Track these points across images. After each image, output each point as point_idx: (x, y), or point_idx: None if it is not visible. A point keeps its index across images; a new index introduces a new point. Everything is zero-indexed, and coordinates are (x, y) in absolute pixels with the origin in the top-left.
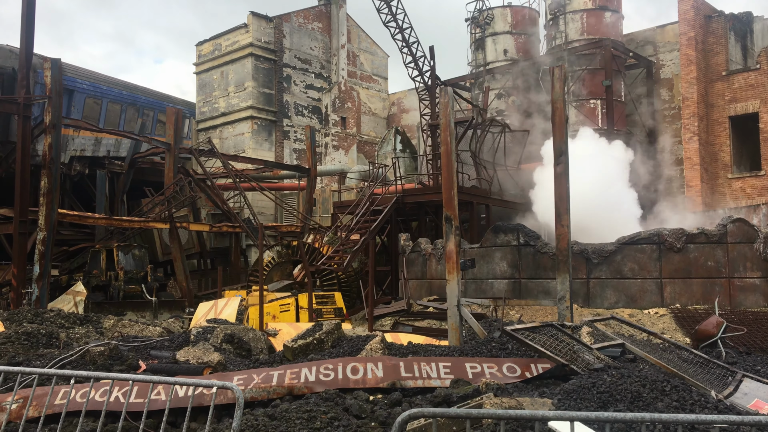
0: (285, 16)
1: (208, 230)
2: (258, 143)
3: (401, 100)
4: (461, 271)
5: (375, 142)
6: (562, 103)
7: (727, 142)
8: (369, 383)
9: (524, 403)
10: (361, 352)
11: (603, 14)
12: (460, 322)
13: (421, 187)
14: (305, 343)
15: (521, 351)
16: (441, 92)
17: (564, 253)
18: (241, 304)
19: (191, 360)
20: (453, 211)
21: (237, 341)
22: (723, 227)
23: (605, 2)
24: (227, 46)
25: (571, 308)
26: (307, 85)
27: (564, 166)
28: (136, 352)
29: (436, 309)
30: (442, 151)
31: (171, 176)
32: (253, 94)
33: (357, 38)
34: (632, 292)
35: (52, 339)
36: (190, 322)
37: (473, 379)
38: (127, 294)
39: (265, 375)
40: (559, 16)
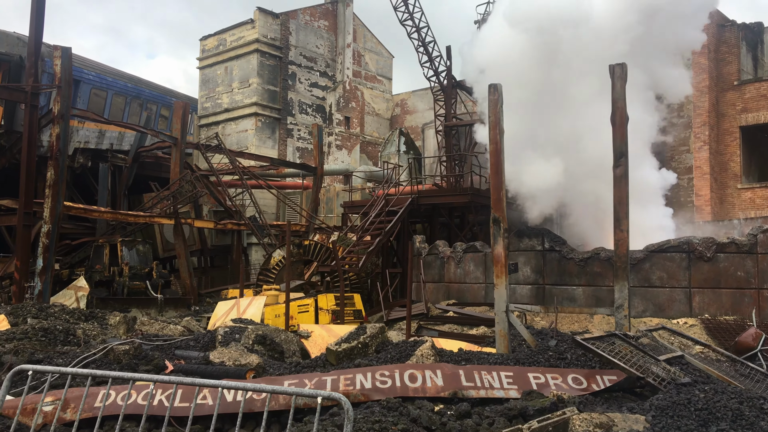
0: (291, 13)
1: (212, 227)
2: (261, 140)
3: (405, 101)
4: None
5: (378, 142)
6: (623, 102)
7: (738, 152)
8: (429, 392)
9: (615, 420)
10: (410, 358)
11: None
12: (509, 329)
13: (436, 188)
14: (350, 347)
15: (581, 361)
16: (490, 89)
17: (623, 259)
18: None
19: (227, 361)
20: (502, 212)
21: (270, 343)
22: (753, 237)
23: None
24: (232, 42)
25: (629, 317)
26: (312, 84)
27: (624, 168)
28: (160, 351)
29: (456, 313)
30: (491, 150)
31: (177, 171)
32: (257, 91)
33: (362, 38)
34: (660, 301)
35: (69, 336)
36: (207, 321)
37: (538, 390)
38: (131, 290)
39: (318, 380)
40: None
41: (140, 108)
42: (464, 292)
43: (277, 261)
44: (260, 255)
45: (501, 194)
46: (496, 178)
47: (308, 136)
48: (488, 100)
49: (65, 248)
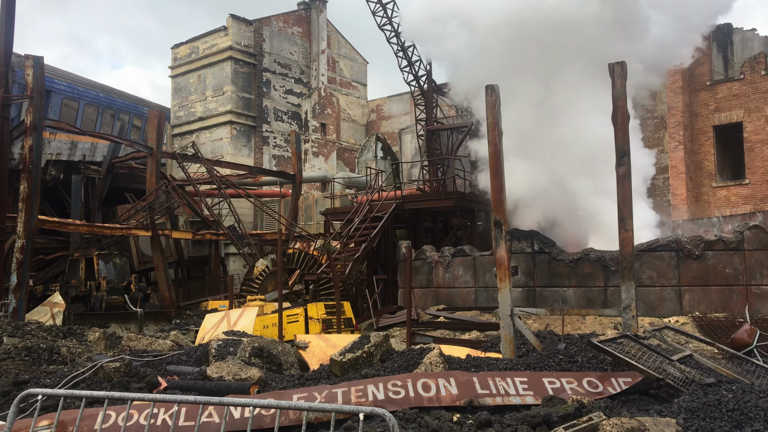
0: (265, 20)
1: (190, 238)
2: (237, 149)
3: (381, 107)
4: None
5: (354, 149)
6: (624, 100)
7: (712, 151)
8: (444, 401)
9: (646, 424)
10: (418, 366)
11: None
12: (514, 333)
13: (420, 193)
14: (354, 356)
15: (591, 364)
16: (487, 90)
17: (628, 259)
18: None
19: (225, 376)
20: (503, 215)
21: (267, 355)
22: (740, 234)
23: None
24: (205, 49)
25: (636, 317)
26: (287, 91)
27: (627, 167)
28: (151, 367)
29: (447, 318)
30: (491, 152)
31: (153, 182)
32: (232, 99)
33: (337, 44)
34: (651, 300)
35: (53, 354)
36: (194, 335)
37: (554, 394)
38: (109, 305)
39: (328, 393)
40: None
41: (112, 118)
42: (454, 297)
43: (261, 271)
44: (239, 265)
45: (502, 196)
46: (497, 180)
47: (284, 143)
48: (486, 102)
49: (39, 263)
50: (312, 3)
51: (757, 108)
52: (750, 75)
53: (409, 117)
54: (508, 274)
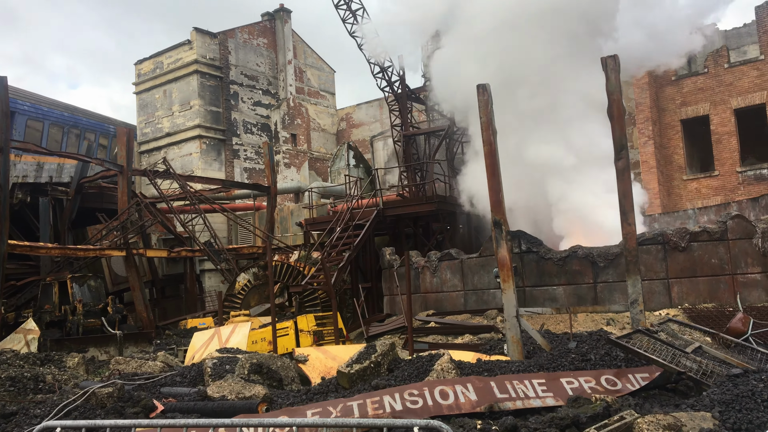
0: (229, 32)
1: (165, 256)
2: (207, 163)
3: (350, 115)
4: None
5: (326, 158)
6: (619, 94)
7: (680, 145)
8: (464, 408)
9: (682, 419)
10: (429, 374)
11: None
12: (521, 335)
13: (400, 198)
14: (362, 367)
15: (605, 361)
16: (479, 90)
17: (633, 253)
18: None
19: (228, 395)
20: (502, 215)
21: (266, 371)
22: (723, 224)
23: None
24: (170, 64)
25: (643, 312)
26: (255, 102)
27: (626, 161)
28: (144, 391)
29: (438, 323)
30: (486, 151)
31: (125, 200)
32: (200, 113)
33: (303, 54)
34: None
35: (39, 382)
36: (181, 354)
37: (574, 395)
38: (86, 329)
39: (343, 407)
40: None
41: (78, 138)
42: (442, 302)
43: (243, 285)
44: (215, 282)
45: (500, 196)
46: (494, 179)
47: (255, 156)
48: (478, 101)
49: (9, 289)
50: (276, 14)
51: (722, 101)
52: (714, 68)
53: (379, 124)
54: (512, 275)
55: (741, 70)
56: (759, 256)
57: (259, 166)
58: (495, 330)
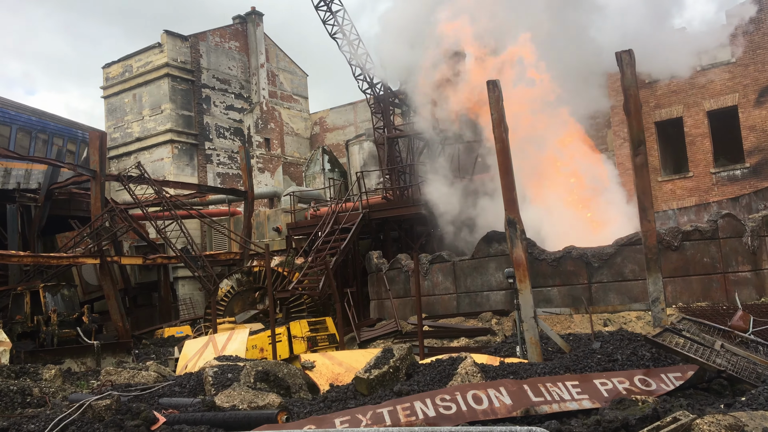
0: (201, 35)
1: (141, 263)
2: (180, 168)
3: (324, 119)
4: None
5: (300, 163)
6: (635, 89)
7: (655, 147)
8: (500, 413)
9: (742, 419)
10: (453, 378)
11: None
12: (539, 336)
13: (385, 201)
14: (381, 372)
15: (631, 361)
16: (489, 86)
17: (653, 250)
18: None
19: (239, 405)
20: (516, 214)
21: (273, 379)
22: (714, 223)
23: None
24: (139, 68)
25: (665, 310)
26: (228, 106)
27: (644, 157)
28: (141, 402)
29: (432, 327)
30: (498, 149)
31: (99, 207)
32: (171, 117)
33: (275, 57)
34: (635, 294)
35: (26, 396)
36: (175, 364)
37: (609, 396)
38: (61, 339)
39: (373, 414)
40: None
41: (45, 143)
42: (434, 305)
43: (225, 292)
44: (189, 289)
45: (513, 195)
46: (507, 178)
47: (228, 161)
48: (489, 98)
49: None
50: (248, 17)
51: (695, 103)
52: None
53: (353, 128)
54: (528, 275)
55: (713, 72)
56: (749, 254)
57: (232, 171)
58: (491, 333)
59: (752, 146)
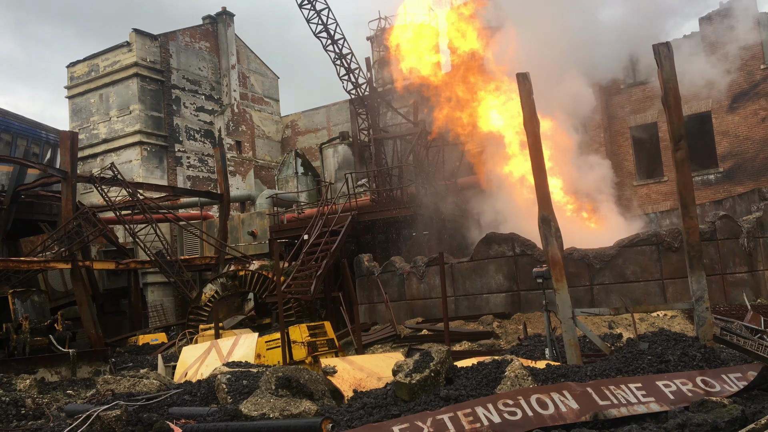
0: (170, 35)
1: (113, 268)
2: (149, 171)
3: (295, 122)
4: (537, 281)
5: (271, 166)
6: (675, 82)
7: (630, 152)
8: (568, 418)
9: None
10: (500, 381)
11: None
12: (576, 338)
13: (373, 203)
14: (423, 377)
15: (683, 362)
16: (519, 79)
17: (696, 248)
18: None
19: (269, 413)
20: (550, 211)
21: (296, 385)
22: (712, 224)
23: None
24: (106, 67)
25: (709, 309)
26: (198, 108)
27: (684, 152)
28: (150, 412)
29: (431, 331)
30: (530, 143)
31: (70, 209)
32: (140, 118)
33: (246, 59)
34: (637, 296)
35: (19, 407)
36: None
37: (675, 399)
38: (32, 348)
39: (433, 421)
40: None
41: (9, 145)
42: (431, 308)
43: (209, 297)
44: (159, 295)
45: (547, 191)
46: (539, 174)
47: (199, 163)
48: (519, 91)
49: None
50: (219, 17)
51: None
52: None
53: (326, 131)
54: (564, 274)
55: (688, 78)
56: (745, 255)
57: (202, 174)
58: (495, 336)
59: (725, 151)
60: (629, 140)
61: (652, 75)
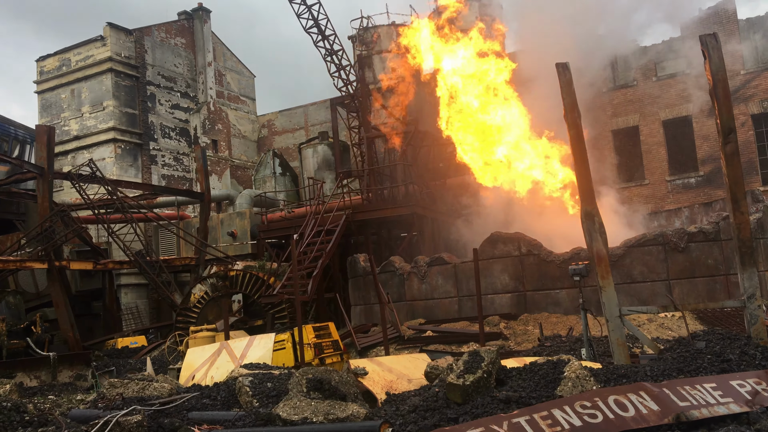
0: (146, 29)
1: (91, 268)
2: (123, 169)
3: (272, 122)
4: (574, 278)
5: (247, 166)
6: (724, 73)
7: (612, 155)
8: (651, 420)
9: None
10: (560, 383)
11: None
12: (624, 337)
13: (366, 203)
14: (476, 378)
15: (745, 361)
16: (559, 69)
17: (747, 244)
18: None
19: (312, 417)
20: (594, 205)
21: (328, 387)
22: (716, 225)
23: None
24: (79, 61)
25: (762, 307)
26: (174, 105)
27: (734, 145)
28: (168, 417)
29: (435, 332)
30: (572, 135)
31: (47, 207)
32: (114, 114)
33: (222, 56)
34: (644, 296)
35: (21, 413)
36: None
37: (753, 400)
38: (9, 351)
39: (509, 424)
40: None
41: None
42: (433, 309)
43: (199, 298)
44: (132, 297)
45: (590, 185)
46: (582, 166)
47: (174, 162)
48: (560, 81)
49: None
50: (195, 13)
51: (651, 112)
52: (643, 81)
53: (303, 132)
54: (610, 271)
55: (668, 83)
56: None
57: (178, 173)
58: (503, 337)
59: (705, 155)
60: (611, 143)
61: (634, 78)
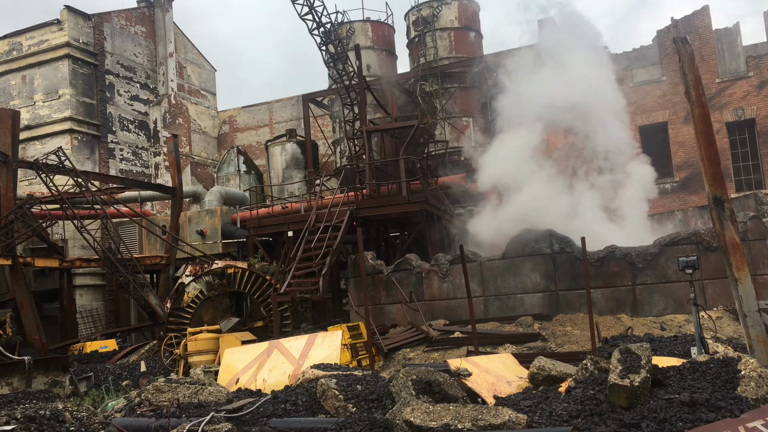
0: (105, 15)
1: (57, 266)
2: (79, 162)
3: (234, 118)
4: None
5: (207, 163)
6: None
7: None
8: None
9: None
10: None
11: (468, 33)
12: (765, 333)
13: (372, 198)
14: (642, 379)
15: None
16: (677, 43)
17: None
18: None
19: (456, 424)
20: (724, 191)
21: (437, 390)
22: (744, 224)
23: (469, 22)
24: (31, 46)
25: None
26: (133, 96)
27: None
28: (244, 425)
29: (464, 333)
30: (698, 114)
31: (11, 197)
32: (71, 104)
33: (183, 48)
34: (679, 297)
35: (60, 422)
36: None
37: None
38: None
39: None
40: (427, 34)
41: None
42: (455, 310)
43: (193, 297)
44: (88, 299)
45: (719, 168)
46: (710, 149)
47: (132, 156)
48: (680, 56)
49: None
50: (156, 1)
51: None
52: (619, 87)
53: (268, 129)
54: (745, 261)
55: (645, 89)
56: None
57: (136, 168)
58: (542, 338)
59: (681, 161)
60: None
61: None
